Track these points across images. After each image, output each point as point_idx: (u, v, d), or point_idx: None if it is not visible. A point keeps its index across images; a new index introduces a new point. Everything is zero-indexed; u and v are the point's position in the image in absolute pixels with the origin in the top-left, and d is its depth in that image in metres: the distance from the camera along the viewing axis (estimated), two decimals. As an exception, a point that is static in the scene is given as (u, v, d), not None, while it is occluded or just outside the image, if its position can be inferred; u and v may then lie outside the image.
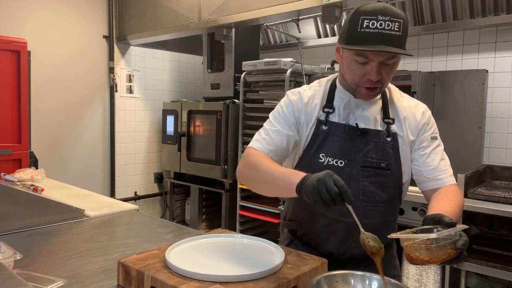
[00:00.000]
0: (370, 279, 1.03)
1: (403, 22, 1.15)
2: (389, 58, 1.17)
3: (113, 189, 4.06)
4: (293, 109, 1.34)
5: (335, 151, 1.28)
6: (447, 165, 1.37)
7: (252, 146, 1.33)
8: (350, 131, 1.28)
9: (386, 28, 1.13)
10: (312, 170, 1.27)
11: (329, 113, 1.31)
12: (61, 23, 3.63)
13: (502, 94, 2.75)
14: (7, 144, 2.94)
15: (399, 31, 1.14)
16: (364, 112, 1.31)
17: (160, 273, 1.01)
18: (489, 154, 2.80)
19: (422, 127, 1.33)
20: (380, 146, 1.28)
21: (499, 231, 2.21)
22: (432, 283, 2.31)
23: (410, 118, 1.33)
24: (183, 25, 3.43)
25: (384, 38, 1.13)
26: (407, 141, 1.31)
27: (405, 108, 1.34)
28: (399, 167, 1.30)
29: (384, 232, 1.30)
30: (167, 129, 4.06)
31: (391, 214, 1.36)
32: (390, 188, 1.29)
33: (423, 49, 3.08)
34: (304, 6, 2.67)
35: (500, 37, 2.75)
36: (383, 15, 1.13)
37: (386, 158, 1.28)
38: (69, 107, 3.74)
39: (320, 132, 1.30)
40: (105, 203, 2.05)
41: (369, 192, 1.27)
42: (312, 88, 1.38)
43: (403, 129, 1.31)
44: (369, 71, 1.19)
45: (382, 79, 1.21)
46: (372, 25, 1.13)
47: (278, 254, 1.13)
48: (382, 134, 1.29)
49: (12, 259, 1.09)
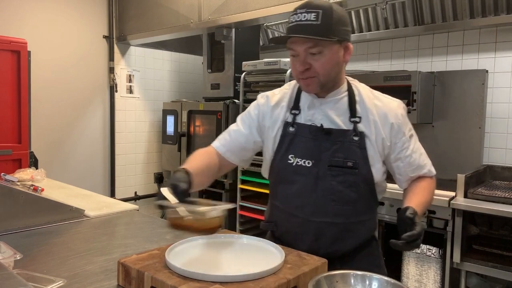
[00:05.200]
0: (370, 279, 1.02)
1: (323, 12, 1.19)
2: (311, 46, 1.20)
3: (113, 189, 4.06)
4: (258, 112, 1.40)
5: (303, 151, 1.31)
6: (426, 157, 1.39)
7: (213, 146, 1.43)
8: (315, 132, 1.30)
9: (302, 20, 1.19)
10: (283, 171, 1.35)
11: (296, 115, 1.34)
12: (61, 23, 3.63)
13: (502, 94, 2.75)
14: (7, 144, 2.94)
15: (317, 20, 1.18)
16: (329, 111, 1.31)
17: (160, 273, 1.01)
18: (489, 154, 2.80)
19: (399, 130, 1.31)
20: (346, 145, 1.28)
21: (499, 231, 2.21)
22: (432, 283, 2.31)
23: (382, 118, 1.30)
24: (183, 25, 3.43)
25: (300, 27, 1.19)
26: (376, 141, 1.29)
27: (378, 106, 1.31)
28: (367, 166, 1.28)
29: (362, 232, 1.37)
30: (167, 129, 4.06)
31: (365, 213, 1.36)
32: (359, 187, 1.29)
33: (423, 49, 3.08)
34: (304, 6, 2.67)
35: (500, 37, 2.75)
36: (301, 8, 1.21)
37: (353, 157, 1.27)
38: (69, 107, 3.74)
39: (288, 133, 1.33)
40: (105, 203, 2.05)
41: (337, 191, 1.28)
42: (282, 91, 1.42)
43: (371, 129, 1.29)
44: (298, 62, 1.24)
45: (313, 69, 1.23)
46: (293, 19, 1.21)
47: (278, 254, 1.13)
48: (348, 133, 1.29)
49: (12, 259, 1.09)
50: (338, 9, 1.22)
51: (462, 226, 2.18)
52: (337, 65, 1.26)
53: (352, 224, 1.32)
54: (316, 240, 1.29)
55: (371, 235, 1.43)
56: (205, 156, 1.39)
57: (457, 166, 2.78)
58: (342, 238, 1.32)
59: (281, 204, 1.38)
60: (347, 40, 1.26)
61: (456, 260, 2.19)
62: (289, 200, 1.34)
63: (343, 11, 1.25)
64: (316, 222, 1.29)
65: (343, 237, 1.32)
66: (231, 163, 1.42)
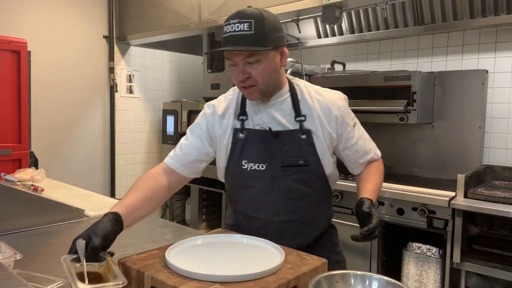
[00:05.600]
0: (370, 279, 1.02)
1: (255, 21, 1.20)
2: (248, 56, 1.22)
3: (113, 189, 4.07)
4: (206, 122, 1.40)
5: (255, 156, 1.34)
6: (370, 142, 1.47)
7: (165, 161, 1.42)
8: (264, 135, 1.34)
9: (236, 30, 1.21)
10: (239, 177, 1.38)
11: (244, 120, 1.37)
12: (61, 23, 3.63)
13: (502, 94, 2.75)
14: (7, 144, 2.94)
15: (250, 30, 1.20)
16: (275, 113, 1.35)
17: (160, 273, 1.01)
18: (489, 154, 2.80)
19: (343, 121, 1.36)
20: (296, 145, 1.33)
21: (499, 231, 2.21)
22: (432, 283, 2.30)
23: (325, 112, 1.35)
24: (183, 25, 3.43)
25: (235, 39, 1.21)
26: (323, 135, 1.34)
27: (320, 101, 1.36)
28: (318, 161, 1.34)
29: (320, 223, 1.45)
30: (167, 129, 4.06)
31: (322, 205, 1.44)
32: (313, 182, 1.35)
33: (423, 49, 3.08)
34: (304, 6, 2.67)
35: (500, 37, 2.75)
36: (233, 19, 1.22)
37: (304, 155, 1.33)
38: (69, 107, 3.74)
39: (238, 140, 1.36)
40: (105, 203, 2.05)
41: (293, 189, 1.34)
42: (228, 98, 1.44)
43: (317, 125, 1.34)
44: (237, 72, 1.26)
45: (253, 78, 1.25)
46: (227, 30, 1.23)
47: (278, 254, 1.13)
48: (296, 132, 1.33)
49: (12, 259, 1.09)
50: (270, 16, 1.25)
51: (462, 226, 2.18)
52: (275, 71, 1.30)
53: (310, 218, 1.39)
54: (279, 238, 1.30)
55: (329, 224, 1.51)
56: (150, 182, 1.36)
57: (457, 166, 2.78)
58: (303, 232, 1.40)
59: (242, 209, 1.42)
60: (282, 46, 1.29)
61: (456, 260, 2.19)
62: (248, 204, 1.39)
63: (275, 17, 1.28)
64: (277, 221, 1.35)
65: (304, 230, 1.40)
66: (184, 177, 1.41)
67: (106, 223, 1.09)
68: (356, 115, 1.46)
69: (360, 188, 1.39)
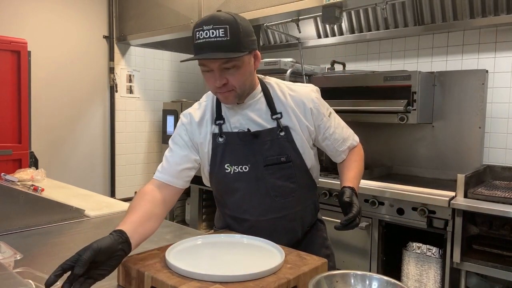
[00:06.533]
0: (370, 279, 1.03)
1: (230, 27, 1.19)
2: (225, 62, 1.22)
3: (113, 189, 4.07)
4: (186, 131, 1.39)
5: (237, 158, 1.35)
6: (347, 128, 1.50)
7: (154, 177, 1.36)
8: (243, 137, 1.34)
9: (211, 36, 1.18)
10: (223, 181, 1.38)
11: (222, 124, 1.37)
12: (62, 24, 3.63)
13: (502, 94, 2.75)
14: (7, 144, 2.94)
15: (226, 36, 1.18)
16: (251, 114, 1.36)
17: (160, 273, 1.01)
18: (489, 154, 2.80)
19: (318, 113, 1.38)
20: (276, 143, 1.34)
21: (499, 231, 2.21)
22: (432, 283, 2.31)
23: (300, 107, 1.37)
24: (183, 25, 3.43)
25: (211, 45, 1.19)
26: (301, 130, 1.36)
27: (293, 97, 1.38)
28: (299, 156, 1.37)
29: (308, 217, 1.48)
30: (167, 129, 4.06)
31: (307, 198, 1.48)
32: (296, 177, 1.37)
33: (423, 49, 3.08)
34: (304, 6, 2.67)
35: (500, 37, 2.75)
36: (207, 25, 1.19)
37: (285, 152, 1.35)
38: (70, 107, 3.74)
39: (218, 144, 1.36)
40: (105, 203, 2.05)
41: (277, 186, 1.35)
42: (202, 105, 1.43)
43: (293, 120, 1.35)
44: (213, 78, 1.25)
45: (230, 83, 1.25)
46: (201, 36, 1.20)
47: (278, 254, 1.13)
48: (274, 130, 1.35)
49: (12, 259, 1.09)
50: (242, 21, 1.25)
51: (462, 226, 2.18)
52: (250, 74, 1.31)
53: (297, 213, 1.43)
54: (270, 236, 1.31)
55: (317, 218, 1.54)
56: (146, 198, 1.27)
57: (457, 166, 2.78)
58: (292, 228, 1.43)
59: (229, 211, 1.44)
60: (255, 49, 1.30)
61: (456, 260, 2.19)
62: (236, 206, 1.40)
63: (246, 20, 1.28)
64: (266, 220, 1.38)
65: (293, 226, 1.43)
66: (177, 189, 1.35)
67: (106, 238, 1.03)
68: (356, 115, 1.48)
69: (342, 177, 1.43)
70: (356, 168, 1.44)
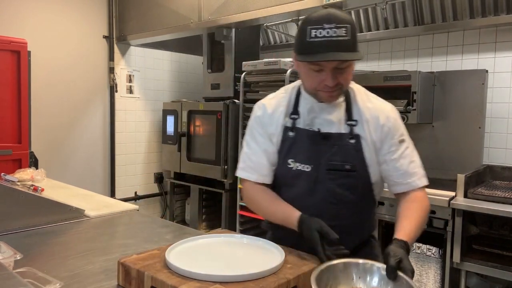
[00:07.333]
0: (372, 268, 1.06)
1: (350, 26, 1.17)
2: (341, 63, 1.20)
3: (113, 189, 4.06)
4: (261, 123, 1.39)
5: (302, 156, 1.32)
6: (417, 166, 1.37)
7: (242, 177, 1.40)
8: (313, 136, 1.32)
9: (333, 35, 1.15)
10: (283, 176, 1.36)
11: (295, 119, 1.35)
12: (62, 24, 3.63)
13: (502, 94, 2.75)
14: (7, 144, 2.94)
15: (347, 36, 1.16)
16: (329, 115, 1.33)
17: (160, 273, 1.01)
18: (489, 154, 2.80)
19: (388, 132, 1.32)
20: (343, 149, 1.30)
21: (499, 231, 2.21)
22: (432, 283, 2.31)
23: (373, 120, 1.32)
24: (183, 25, 3.43)
25: (332, 45, 1.16)
26: (370, 142, 1.31)
27: (370, 109, 1.33)
28: (365, 168, 1.31)
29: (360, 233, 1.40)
30: (167, 129, 4.06)
31: (363, 214, 1.39)
32: (357, 189, 1.31)
33: (423, 49, 3.08)
34: (304, 6, 2.67)
35: (500, 37, 2.75)
36: (329, 23, 1.16)
37: (350, 160, 1.29)
38: (69, 107, 3.74)
39: (287, 138, 1.35)
40: (105, 203, 2.05)
41: (336, 194, 1.30)
42: (278, 96, 1.42)
43: (365, 131, 1.31)
44: (325, 78, 1.22)
45: (340, 82, 1.24)
46: (320, 34, 1.16)
47: (278, 254, 1.13)
48: (345, 136, 1.31)
49: (12, 259, 1.09)
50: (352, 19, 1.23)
51: (462, 226, 2.18)
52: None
53: (351, 226, 1.34)
54: None
55: (370, 235, 1.45)
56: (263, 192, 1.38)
57: (457, 166, 2.78)
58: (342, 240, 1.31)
59: None
60: None
61: (456, 260, 2.19)
62: (290, 203, 1.35)
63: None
64: None
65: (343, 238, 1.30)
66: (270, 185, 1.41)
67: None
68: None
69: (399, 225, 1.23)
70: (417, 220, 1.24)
